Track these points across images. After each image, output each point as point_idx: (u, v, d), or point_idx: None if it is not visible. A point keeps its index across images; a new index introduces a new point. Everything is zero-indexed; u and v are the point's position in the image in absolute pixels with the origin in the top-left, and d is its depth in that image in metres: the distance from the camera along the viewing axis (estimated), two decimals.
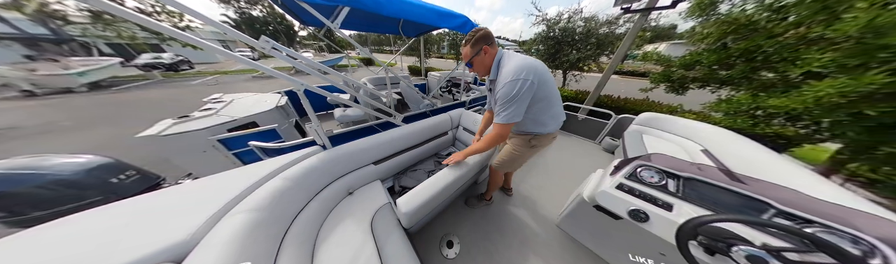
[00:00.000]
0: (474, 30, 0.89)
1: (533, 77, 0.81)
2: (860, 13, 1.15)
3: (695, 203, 0.80)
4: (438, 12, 1.51)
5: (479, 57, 0.89)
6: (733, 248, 0.61)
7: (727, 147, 1.53)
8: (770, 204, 0.75)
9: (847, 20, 1.18)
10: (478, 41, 0.87)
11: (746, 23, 1.70)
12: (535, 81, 0.81)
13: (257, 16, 14.49)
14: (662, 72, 2.34)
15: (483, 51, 0.87)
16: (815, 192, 0.79)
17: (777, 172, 1.17)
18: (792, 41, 1.50)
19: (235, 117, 1.78)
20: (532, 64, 0.83)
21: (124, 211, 0.74)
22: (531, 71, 0.81)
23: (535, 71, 0.82)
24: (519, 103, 0.84)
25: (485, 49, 0.87)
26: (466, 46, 0.90)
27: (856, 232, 0.63)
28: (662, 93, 2.51)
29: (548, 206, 1.62)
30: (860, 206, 0.82)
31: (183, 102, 5.19)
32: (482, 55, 0.89)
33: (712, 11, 1.93)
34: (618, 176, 0.94)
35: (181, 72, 10.28)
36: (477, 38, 0.87)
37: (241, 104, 2.13)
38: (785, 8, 1.52)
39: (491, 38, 0.88)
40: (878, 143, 1.25)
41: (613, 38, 3.85)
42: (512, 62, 0.85)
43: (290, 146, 1.30)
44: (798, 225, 0.70)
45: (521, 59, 0.86)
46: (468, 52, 0.90)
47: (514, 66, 0.82)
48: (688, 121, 1.92)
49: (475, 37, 0.87)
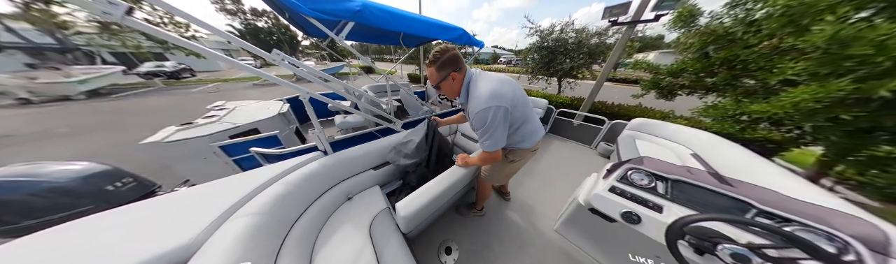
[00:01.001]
0: (440, 51, 0.81)
1: (505, 102, 0.78)
2: (827, 26, 1.26)
3: (683, 204, 0.83)
4: (438, 26, 1.60)
5: (447, 82, 0.84)
6: (719, 247, 0.63)
7: (714, 151, 1.58)
8: (752, 205, 0.78)
9: (815, 32, 1.29)
10: (444, 65, 0.81)
11: (724, 34, 1.84)
12: (508, 106, 0.78)
13: (262, 26, 15.14)
14: (652, 80, 2.46)
15: (451, 77, 0.82)
16: (795, 193, 0.83)
17: (759, 174, 1.22)
18: (766, 51, 1.61)
19: (238, 124, 1.82)
20: (501, 88, 0.79)
21: (124, 218, 0.75)
22: (500, 96, 0.77)
23: (505, 96, 0.78)
24: (497, 130, 0.81)
25: (452, 76, 0.82)
26: (431, 68, 0.83)
27: (831, 229, 0.66)
28: (654, 100, 2.62)
29: (545, 211, 1.63)
30: (837, 206, 0.85)
31: (182, 109, 5.27)
32: (450, 81, 0.84)
33: (692, 23, 2.08)
34: (610, 179, 0.97)
35: (182, 79, 10.52)
36: (443, 62, 0.80)
37: (244, 111, 2.19)
38: (757, 21, 1.65)
39: (458, 63, 0.82)
40: (858, 146, 1.31)
41: (604, 48, 4.04)
42: (481, 87, 0.80)
43: (292, 152, 1.32)
44: (777, 224, 0.73)
45: (491, 81, 0.81)
46: (434, 76, 0.84)
47: (484, 93, 0.78)
48: (678, 126, 1.99)
49: (440, 60, 0.80)
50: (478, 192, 1.44)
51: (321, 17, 1.08)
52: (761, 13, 1.63)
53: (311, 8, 1.03)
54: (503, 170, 1.18)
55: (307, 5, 1.02)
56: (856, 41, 1.16)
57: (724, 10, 1.83)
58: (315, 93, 1.04)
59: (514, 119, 0.87)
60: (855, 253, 0.62)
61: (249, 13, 14.74)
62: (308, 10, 1.03)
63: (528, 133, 0.99)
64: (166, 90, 7.94)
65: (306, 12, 1.03)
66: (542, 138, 1.09)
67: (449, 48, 0.81)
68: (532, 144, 1.04)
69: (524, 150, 1.07)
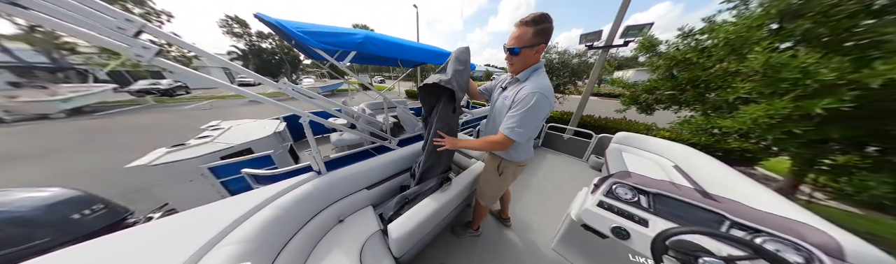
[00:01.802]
0: (541, 17, 0.73)
1: (550, 99, 0.80)
2: (758, 55, 1.53)
3: (665, 217, 0.86)
4: (432, 52, 1.75)
5: (529, 50, 0.79)
6: (700, 260, 0.66)
7: (691, 163, 1.71)
8: (726, 217, 0.84)
9: (751, 59, 1.56)
10: (541, 33, 0.75)
11: (683, 58, 2.14)
12: (549, 104, 0.80)
13: (266, 47, 16.00)
14: (630, 96, 2.72)
15: (537, 48, 0.79)
16: (764, 205, 0.91)
17: (734, 187, 1.31)
18: (720, 73, 1.89)
19: (231, 144, 1.80)
20: (550, 94, 0.82)
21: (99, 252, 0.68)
22: (551, 93, 0.81)
23: (552, 95, 0.82)
24: (533, 119, 0.80)
25: (540, 47, 0.79)
26: (527, 29, 0.75)
27: (798, 240, 0.72)
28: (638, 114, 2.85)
29: (543, 229, 1.63)
30: (802, 217, 0.93)
31: (170, 127, 5.17)
32: (532, 51, 0.80)
33: (653, 50, 2.42)
34: (598, 193, 1.00)
35: (176, 96, 10.55)
36: (542, 29, 0.74)
37: (240, 131, 2.18)
38: (707, 49, 1.97)
39: (549, 38, 0.78)
40: (816, 156, 1.47)
41: (585, 67, 4.48)
42: (543, 78, 0.84)
43: (285, 172, 1.31)
44: (750, 235, 0.78)
45: (547, 81, 0.85)
46: (526, 38, 0.76)
47: (545, 82, 0.82)
48: (657, 139, 2.16)
49: (541, 26, 0.74)
50: (474, 211, 1.44)
51: (326, 47, 1.17)
52: (709, 42, 1.95)
53: (319, 40, 1.14)
54: (494, 183, 1.18)
55: (315, 38, 1.12)
56: (784, 67, 1.41)
57: (678, 39, 2.17)
58: (312, 116, 1.07)
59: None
60: (818, 260, 0.67)
61: (255, 36, 15.69)
62: (316, 42, 1.12)
63: (528, 143, 1.00)
64: (157, 107, 7.88)
65: (314, 45, 1.12)
66: (532, 154, 1.13)
67: (550, 18, 0.74)
68: (519, 159, 1.06)
69: (512, 163, 1.08)
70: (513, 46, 0.79)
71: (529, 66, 0.86)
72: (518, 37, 0.78)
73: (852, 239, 0.80)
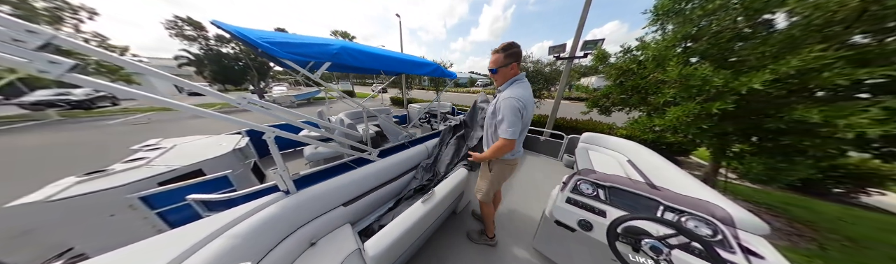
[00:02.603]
0: (511, 45, 1.00)
1: (523, 103, 1.01)
2: (674, 67, 1.98)
3: (618, 207, 0.99)
4: (412, 62, 1.73)
5: (506, 69, 1.04)
6: (642, 242, 0.74)
7: (639, 156, 2.08)
8: (660, 202, 1.03)
9: (670, 71, 2.00)
10: (510, 56, 1.01)
11: (627, 69, 2.61)
12: (521, 108, 1.00)
13: (228, 52, 13.55)
14: (591, 100, 3.17)
15: (511, 66, 1.04)
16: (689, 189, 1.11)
17: (671, 178, 1.55)
18: (653, 81, 2.34)
19: (174, 167, 1.52)
20: (528, 96, 1.03)
21: None
22: (526, 98, 1.02)
23: (528, 100, 1.03)
24: (515, 117, 0.99)
25: (512, 66, 1.04)
26: (499, 55, 1.01)
27: (707, 216, 0.90)
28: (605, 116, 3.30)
29: (524, 227, 1.69)
30: (712, 198, 1.12)
31: (77, 148, 3.98)
32: (508, 69, 1.04)
33: (606, 61, 2.90)
34: (566, 190, 1.12)
35: (96, 109, 8.60)
36: (511, 53, 1.01)
37: (187, 149, 1.87)
38: (642, 62, 2.44)
39: (519, 58, 1.04)
40: (723, 146, 1.90)
41: (556, 75, 5.02)
42: (521, 87, 1.05)
43: (245, 195, 1.16)
44: (678, 215, 0.93)
45: (527, 89, 1.07)
46: (499, 61, 1.01)
47: (520, 90, 1.03)
48: (614, 137, 2.55)
49: (509, 51, 1.00)
50: (483, 217, 1.48)
51: (297, 58, 1.07)
52: (642, 57, 2.42)
53: (288, 51, 1.03)
54: (489, 179, 1.31)
55: (283, 49, 1.01)
56: (692, 77, 1.85)
57: (622, 54, 2.65)
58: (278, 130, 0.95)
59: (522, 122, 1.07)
60: (720, 230, 0.84)
61: (214, 40, 13.16)
62: (284, 53, 1.02)
63: (517, 143, 1.16)
64: (64, 123, 6.24)
65: (281, 55, 1.01)
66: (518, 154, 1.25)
67: (517, 44, 1.02)
68: (512, 156, 1.22)
69: (505, 162, 1.23)
70: (492, 68, 1.07)
71: (508, 78, 1.09)
72: (494, 61, 1.06)
73: (740, 210, 1.01)
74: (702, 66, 1.81)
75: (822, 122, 1.31)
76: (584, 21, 3.37)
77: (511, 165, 1.26)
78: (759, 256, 0.81)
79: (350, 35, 21.19)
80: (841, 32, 1.36)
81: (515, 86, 1.07)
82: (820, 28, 1.41)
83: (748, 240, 0.87)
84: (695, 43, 2.02)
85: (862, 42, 1.38)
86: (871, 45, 1.31)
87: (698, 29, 1.92)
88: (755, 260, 0.79)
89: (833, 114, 1.27)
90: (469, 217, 1.85)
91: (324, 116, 2.89)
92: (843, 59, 1.29)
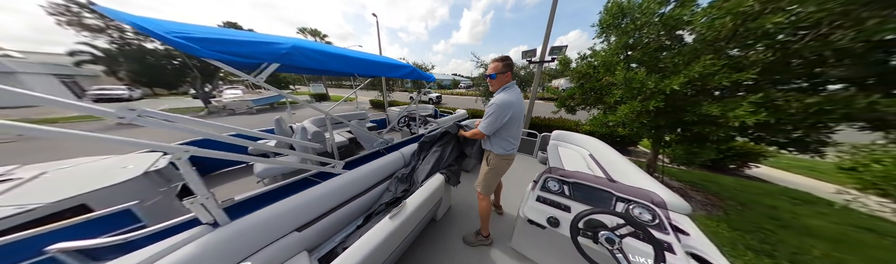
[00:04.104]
0: (506, 57, 1.23)
1: (508, 106, 1.20)
2: (619, 72, 2.39)
3: (580, 201, 1.06)
4: (383, 64, 1.51)
5: (502, 75, 1.25)
6: (599, 235, 0.78)
7: (598, 150, 2.42)
8: (613, 193, 1.16)
9: (617, 75, 2.42)
10: (507, 66, 1.25)
11: (585, 73, 3.04)
12: (505, 109, 1.20)
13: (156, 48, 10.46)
14: (559, 100, 3.59)
15: (506, 74, 1.25)
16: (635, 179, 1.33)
17: (626, 171, 1.76)
18: (606, 84, 2.77)
19: (27, 206, 1.12)
20: (514, 100, 1.21)
21: None
22: (509, 102, 1.21)
23: (513, 104, 1.21)
24: (494, 119, 1.21)
25: (508, 74, 1.26)
26: (498, 63, 1.24)
27: (648, 203, 1.05)
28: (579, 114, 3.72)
29: (502, 227, 1.69)
30: (653, 186, 1.30)
31: None
32: (503, 76, 1.25)
33: (568, 66, 3.33)
34: (537, 189, 1.20)
35: None
36: (507, 63, 1.26)
37: (65, 177, 1.44)
38: (596, 67, 2.87)
39: (512, 68, 1.28)
40: (658, 136, 2.33)
41: (530, 77, 5.49)
42: (510, 93, 1.24)
43: (151, 234, 0.94)
44: (627, 204, 1.03)
45: (516, 95, 1.25)
46: (498, 68, 1.23)
47: (507, 95, 1.23)
48: (577, 134, 2.92)
49: (506, 62, 1.25)
50: (479, 212, 1.52)
51: (230, 59, 0.86)
52: (596, 63, 2.86)
53: (216, 50, 0.81)
54: (486, 171, 1.45)
55: (209, 47, 0.79)
56: (632, 80, 2.26)
57: (580, 60, 3.09)
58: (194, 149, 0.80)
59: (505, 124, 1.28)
60: (657, 214, 0.95)
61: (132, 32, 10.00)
62: (209, 52, 0.79)
63: (506, 140, 1.33)
64: None
65: (206, 55, 0.79)
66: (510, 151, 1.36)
67: (510, 58, 1.29)
68: (502, 152, 1.35)
69: (500, 157, 1.37)
70: (491, 73, 1.28)
71: (501, 85, 1.30)
72: (493, 68, 1.27)
73: (671, 194, 1.17)
74: (640, 71, 2.24)
75: (719, 115, 1.73)
76: (550, 30, 3.83)
77: (506, 160, 1.41)
78: (685, 233, 0.96)
79: (321, 33, 19.78)
80: (723, 46, 1.83)
81: (506, 91, 1.28)
82: (711, 43, 1.87)
83: (677, 220, 1.02)
84: (632, 51, 2.47)
85: (736, 54, 1.85)
86: (741, 56, 1.78)
87: (633, 40, 2.37)
88: (683, 237, 0.91)
89: (725, 108, 1.69)
90: (451, 222, 1.78)
91: (283, 124, 2.66)
92: (726, 66, 1.73)
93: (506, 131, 1.31)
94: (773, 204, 2.57)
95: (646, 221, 0.96)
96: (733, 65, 1.73)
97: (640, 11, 2.22)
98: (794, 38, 1.61)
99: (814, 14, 1.44)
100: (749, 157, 2.89)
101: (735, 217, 2.27)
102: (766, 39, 1.66)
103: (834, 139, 1.78)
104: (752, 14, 1.65)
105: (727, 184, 3.03)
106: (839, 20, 1.42)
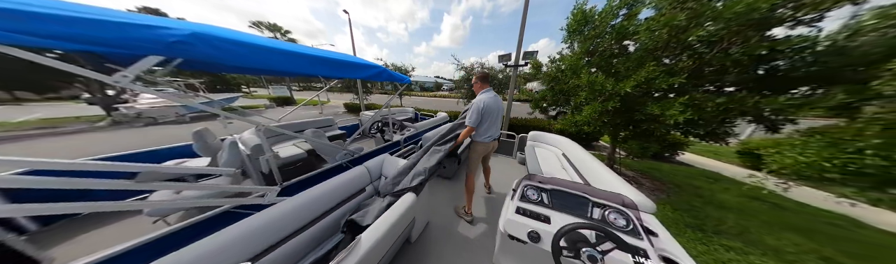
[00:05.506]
0: (481, 72, 1.79)
1: (483, 107, 1.65)
2: (584, 75, 2.74)
3: (560, 210, 1.03)
4: (340, 62, 1.24)
5: (478, 83, 1.81)
6: (581, 251, 0.75)
7: (569, 149, 2.67)
8: (589, 198, 1.17)
9: (581, 78, 2.76)
10: (482, 78, 1.81)
11: (554, 76, 3.40)
12: (481, 108, 1.65)
13: None
14: (533, 102, 3.93)
15: (483, 83, 1.80)
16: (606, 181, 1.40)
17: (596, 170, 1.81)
18: (573, 86, 3.13)
19: None
20: (487, 102, 1.66)
21: None
22: (482, 101, 1.67)
23: (489, 105, 1.67)
24: (474, 115, 1.67)
25: (482, 84, 1.80)
26: (478, 77, 1.81)
27: (621, 207, 1.08)
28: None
29: (482, 239, 1.65)
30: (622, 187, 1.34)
31: None
32: (479, 83, 1.81)
33: (540, 69, 3.69)
34: (516, 199, 1.17)
35: None
36: (482, 76, 1.81)
37: None
38: (564, 71, 3.24)
39: (488, 78, 1.83)
40: (616, 133, 2.70)
41: (507, 80, 5.88)
42: (485, 95, 1.73)
43: None
44: (603, 210, 1.04)
45: (491, 98, 1.70)
46: (477, 83, 1.81)
47: (483, 98, 1.70)
48: (551, 134, 3.20)
49: (481, 75, 1.81)
50: (466, 189, 1.91)
51: (61, 45, 0.61)
52: (564, 67, 3.23)
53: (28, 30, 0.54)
54: (471, 157, 1.93)
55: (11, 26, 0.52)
56: (594, 83, 2.61)
57: (550, 64, 3.45)
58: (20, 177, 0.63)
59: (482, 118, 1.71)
60: (629, 217, 0.95)
61: None
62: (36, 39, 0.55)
63: (484, 130, 1.81)
64: None
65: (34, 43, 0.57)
66: (495, 141, 1.86)
67: (488, 73, 2.05)
68: (484, 139, 1.83)
69: (479, 143, 1.86)
70: (474, 82, 1.85)
71: (478, 91, 1.83)
72: (475, 83, 1.85)
73: (638, 195, 1.20)
74: (600, 75, 2.60)
75: (659, 114, 2.10)
76: (522, 37, 4.21)
77: (484, 145, 1.87)
78: (654, 234, 0.99)
79: (282, 29, 16.74)
80: (660, 55, 2.24)
81: (483, 94, 1.78)
82: (651, 52, 2.27)
83: (647, 220, 1.05)
84: (592, 57, 2.85)
85: (668, 62, 2.27)
86: (673, 64, 2.20)
87: (592, 47, 2.75)
88: (653, 239, 0.94)
89: (664, 108, 2.06)
90: (429, 242, 1.63)
91: (207, 138, 2.07)
92: (664, 72, 2.12)
93: (482, 125, 1.77)
94: (698, 185, 3.21)
95: (621, 227, 0.98)
96: (668, 71, 2.12)
97: (600, 20, 2.60)
98: (707, 50, 2.05)
99: (719, 31, 1.86)
100: (678, 147, 3.67)
101: (675, 198, 2.74)
102: (689, 50, 2.08)
103: (735, 131, 2.29)
104: (681, 27, 2.07)
105: (666, 170, 3.63)
106: (733, 37, 1.86)
